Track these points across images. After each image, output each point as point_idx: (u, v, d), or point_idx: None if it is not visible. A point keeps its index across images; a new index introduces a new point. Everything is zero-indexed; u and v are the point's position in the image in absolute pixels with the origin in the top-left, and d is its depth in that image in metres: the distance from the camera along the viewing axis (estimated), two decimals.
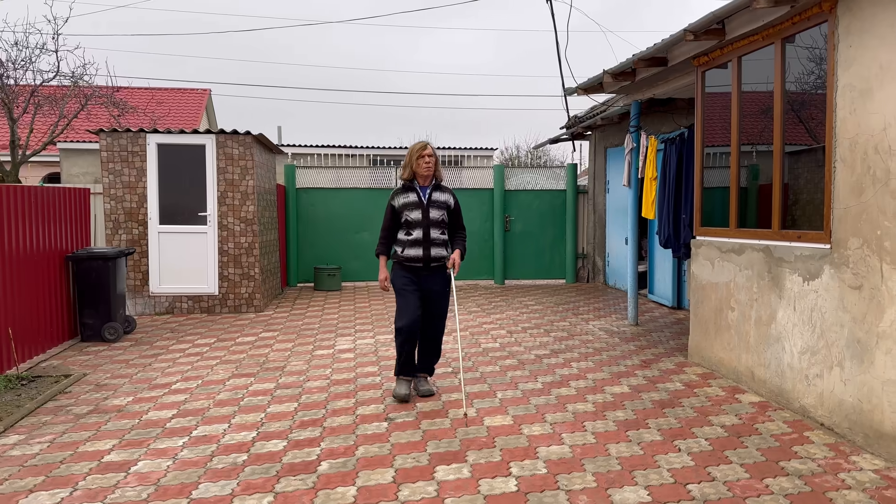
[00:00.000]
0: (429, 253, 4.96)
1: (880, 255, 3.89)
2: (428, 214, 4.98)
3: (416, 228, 4.96)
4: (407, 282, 4.98)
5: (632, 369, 5.92)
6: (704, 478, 3.60)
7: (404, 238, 5.00)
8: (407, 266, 5.00)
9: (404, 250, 4.99)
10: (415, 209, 4.98)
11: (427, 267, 4.99)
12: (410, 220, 4.97)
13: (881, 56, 3.87)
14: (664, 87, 7.03)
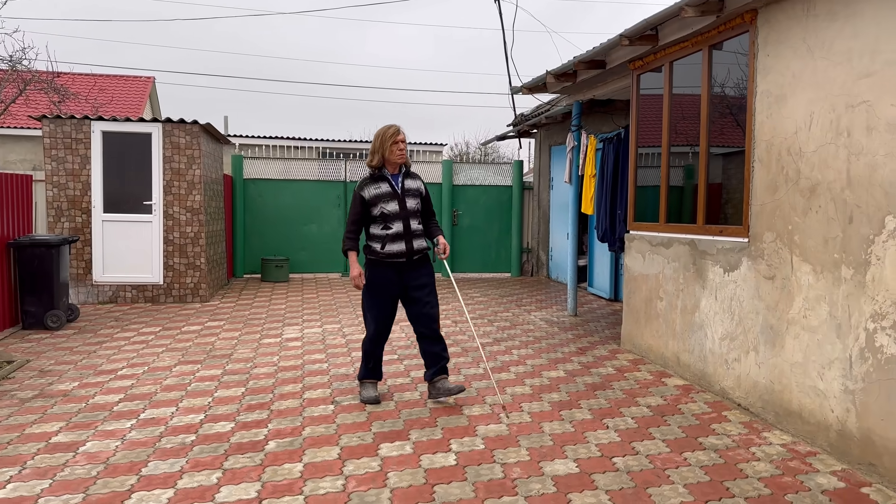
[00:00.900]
0: (412, 246, 4.62)
1: (791, 248, 4.26)
2: (405, 205, 4.62)
3: (395, 221, 4.57)
4: (386, 282, 4.62)
5: (568, 356, 6.23)
6: (629, 452, 3.90)
7: (382, 233, 4.57)
8: (387, 263, 4.60)
9: (384, 246, 4.56)
10: (390, 200, 4.58)
11: (410, 261, 4.66)
12: (387, 212, 4.56)
13: (794, 65, 4.23)
14: (603, 89, 7.36)
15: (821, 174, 4.00)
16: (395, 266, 4.63)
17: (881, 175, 3.56)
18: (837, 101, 3.86)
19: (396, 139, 4.59)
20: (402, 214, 4.60)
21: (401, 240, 4.59)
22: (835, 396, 3.87)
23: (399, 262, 4.63)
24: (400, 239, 4.59)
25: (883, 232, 3.55)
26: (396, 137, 4.59)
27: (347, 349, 6.37)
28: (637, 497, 3.31)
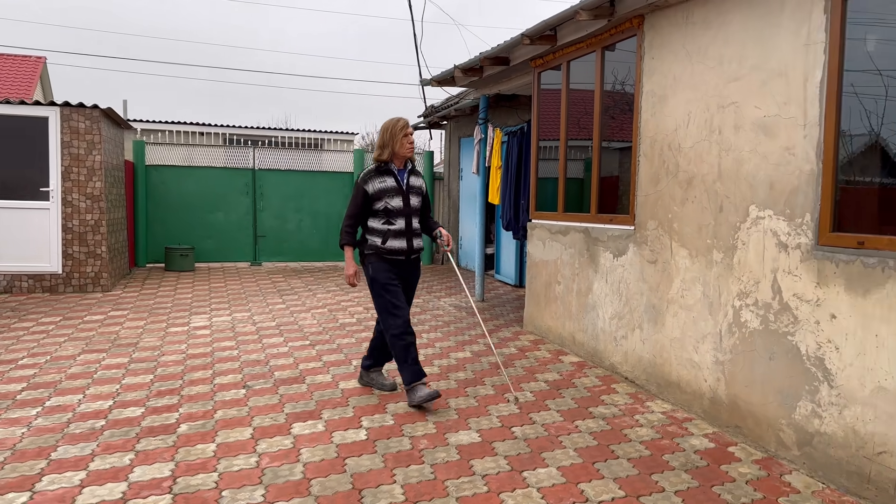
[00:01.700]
0: (412, 244, 4.53)
1: (670, 235, 4.70)
2: (409, 202, 4.51)
3: (399, 218, 4.45)
4: (391, 276, 4.47)
5: (474, 338, 6.54)
6: (527, 421, 4.22)
7: (383, 227, 4.44)
8: (388, 259, 4.48)
9: (386, 241, 4.44)
10: (395, 196, 4.44)
11: (408, 259, 4.57)
12: (392, 208, 4.43)
13: (675, 68, 4.66)
14: (508, 84, 7.70)
15: (696, 168, 4.44)
16: (396, 263, 4.51)
17: (746, 169, 4.02)
18: (711, 102, 4.30)
19: (407, 132, 4.47)
20: (405, 211, 4.48)
21: (402, 237, 4.47)
22: (707, 367, 4.33)
23: (398, 260, 4.51)
24: (402, 236, 4.47)
25: (747, 220, 4.00)
26: (407, 130, 4.47)
27: (258, 336, 6.43)
28: (532, 460, 3.62)
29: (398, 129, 4.45)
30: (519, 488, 3.28)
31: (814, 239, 3.52)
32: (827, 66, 3.45)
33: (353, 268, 4.54)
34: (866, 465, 3.23)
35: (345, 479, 3.34)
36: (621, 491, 3.28)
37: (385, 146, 4.47)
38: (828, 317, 3.43)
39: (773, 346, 3.77)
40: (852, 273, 3.29)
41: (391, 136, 4.45)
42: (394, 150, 4.47)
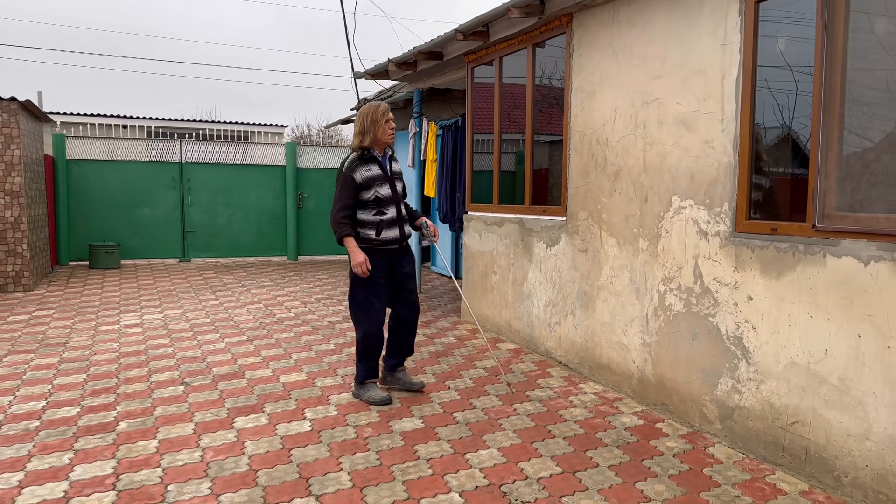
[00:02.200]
0: (403, 232, 4.41)
1: (600, 225, 4.92)
2: (395, 189, 4.38)
3: (390, 206, 4.32)
4: (381, 272, 4.32)
5: None
6: (467, 407, 4.36)
7: (375, 219, 4.28)
8: (380, 251, 4.32)
9: (380, 233, 4.28)
10: (383, 184, 4.30)
11: (401, 248, 4.47)
12: (381, 196, 4.28)
13: (602, 66, 4.87)
14: (442, 79, 7.81)
15: (623, 161, 4.66)
16: (388, 254, 4.37)
17: (669, 162, 4.26)
18: (636, 98, 4.53)
19: (388, 117, 4.32)
20: (394, 199, 4.35)
21: (395, 226, 4.34)
22: (635, 349, 4.57)
23: (392, 250, 4.39)
24: (395, 225, 4.34)
25: (670, 209, 4.25)
26: (388, 116, 4.32)
27: (193, 333, 6.34)
28: (474, 443, 3.76)
29: (379, 114, 4.29)
30: (462, 469, 3.41)
31: (731, 226, 3.78)
32: (742, 64, 3.71)
33: (361, 255, 4.20)
34: (781, 435, 3.51)
35: (291, 469, 3.39)
36: (558, 468, 3.46)
37: (365, 132, 4.29)
38: (745, 299, 3.70)
39: (696, 328, 4.03)
40: (766, 257, 3.56)
41: (372, 122, 4.28)
42: (375, 137, 4.30)
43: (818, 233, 3.28)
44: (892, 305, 2.95)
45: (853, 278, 3.11)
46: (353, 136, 4.36)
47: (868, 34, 3.29)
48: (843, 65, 3.27)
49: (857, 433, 3.12)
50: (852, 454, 3.14)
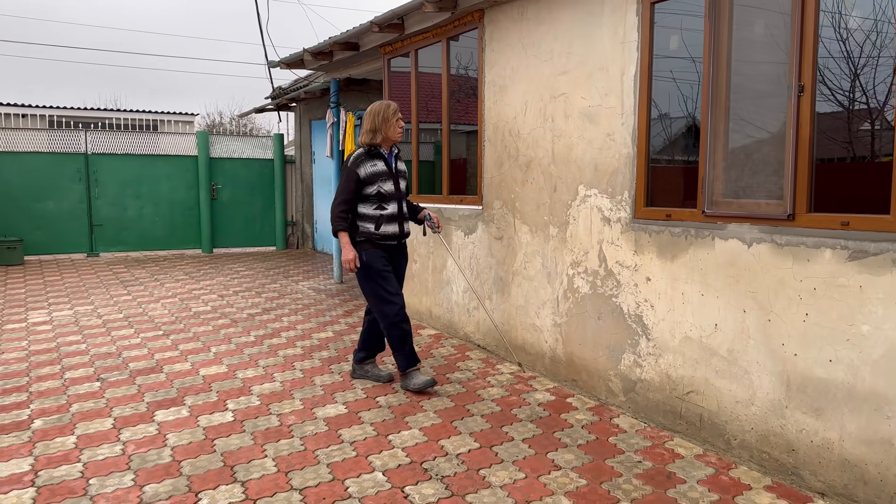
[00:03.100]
0: (403, 229, 4.53)
1: (514, 213, 5.14)
2: (399, 186, 4.51)
3: (392, 202, 4.44)
4: (385, 262, 4.44)
5: (336, 318, 6.72)
6: (390, 391, 4.50)
7: (375, 213, 4.39)
8: (380, 245, 4.43)
9: (380, 227, 4.39)
10: (387, 180, 4.43)
11: (399, 244, 4.59)
12: (384, 192, 4.40)
13: (513, 61, 5.07)
14: (359, 69, 7.86)
15: (534, 152, 4.89)
16: (388, 248, 4.49)
17: (575, 153, 4.51)
18: (544, 93, 4.76)
19: (399, 117, 4.46)
20: (397, 195, 4.47)
21: (395, 221, 4.45)
22: (548, 330, 4.83)
23: (391, 245, 4.50)
24: (394, 220, 4.45)
25: (577, 198, 4.50)
26: (398, 115, 4.46)
27: (106, 329, 6.19)
28: (396, 425, 3.91)
29: (390, 113, 4.42)
30: (385, 450, 3.55)
31: (631, 213, 4.06)
32: (640, 62, 3.98)
33: (352, 251, 4.34)
34: (678, 405, 3.82)
35: (215, 458, 3.44)
36: (476, 443, 3.65)
37: (376, 130, 4.41)
38: (644, 280, 3.99)
39: (601, 308, 4.31)
40: (662, 241, 3.86)
41: (383, 120, 4.40)
42: (385, 135, 4.43)
43: (707, 218, 3.59)
44: (772, 283, 3.28)
45: (738, 259, 3.44)
46: (363, 133, 4.46)
47: (750, 33, 3.62)
48: (728, 62, 3.58)
49: (743, 399, 3.45)
50: (740, 419, 3.48)
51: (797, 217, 3.17)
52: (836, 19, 3.76)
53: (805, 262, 3.12)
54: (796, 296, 3.16)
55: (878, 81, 3.12)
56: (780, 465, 3.28)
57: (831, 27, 3.76)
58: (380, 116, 4.41)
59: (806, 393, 3.16)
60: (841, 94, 3.99)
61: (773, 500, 3.06)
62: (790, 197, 3.18)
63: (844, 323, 2.98)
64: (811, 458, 3.15)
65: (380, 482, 3.19)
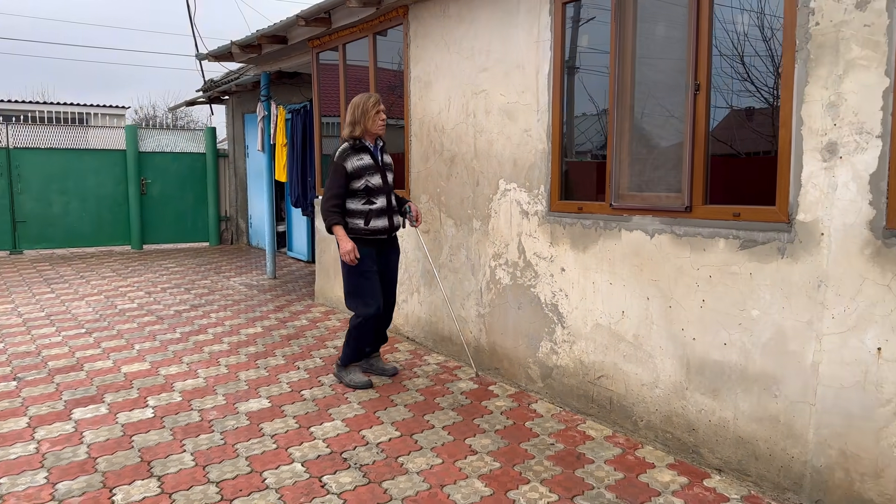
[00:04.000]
0: (393, 222, 4.47)
1: (440, 207, 5.24)
2: (387, 179, 4.44)
3: (380, 196, 4.37)
4: (371, 261, 4.38)
5: (266, 314, 6.69)
6: (316, 385, 4.54)
7: (365, 208, 4.33)
8: (370, 240, 4.38)
9: (369, 222, 4.33)
10: (374, 173, 4.35)
11: (389, 238, 4.56)
12: (372, 186, 4.33)
13: (436, 57, 5.16)
14: (288, 62, 7.81)
15: (457, 147, 4.99)
16: (377, 243, 4.44)
17: (496, 148, 4.63)
18: (466, 89, 4.86)
19: (379, 109, 4.36)
20: (385, 189, 4.40)
21: (384, 215, 4.40)
22: (472, 321, 4.95)
23: (380, 240, 4.46)
24: (383, 214, 4.39)
25: (498, 192, 4.63)
26: (379, 107, 4.36)
27: (26, 328, 6.02)
28: (319, 417, 3.96)
29: (370, 105, 4.33)
30: (306, 441, 3.61)
31: (547, 206, 4.21)
32: (553, 60, 4.12)
33: (350, 243, 4.25)
34: (591, 389, 4.00)
35: (132, 454, 3.42)
36: (397, 432, 3.74)
37: (356, 123, 4.35)
38: (559, 270, 4.15)
39: (521, 298, 4.45)
40: (575, 233, 4.02)
41: (363, 113, 4.34)
42: (365, 128, 4.35)
43: (614, 211, 3.76)
44: (672, 271, 3.47)
45: (642, 249, 3.62)
46: (344, 126, 4.41)
47: (652, 34, 3.80)
48: (633, 61, 3.75)
49: (648, 382, 3.64)
50: (645, 401, 3.67)
51: (694, 209, 3.36)
52: (729, 22, 3.99)
53: (701, 251, 3.32)
54: (694, 283, 3.36)
55: (768, 81, 3.33)
56: (682, 443, 3.48)
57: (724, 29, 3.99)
58: (359, 109, 4.35)
59: (704, 375, 3.36)
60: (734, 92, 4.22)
61: (673, 478, 3.25)
62: (687, 190, 3.37)
63: (737, 308, 3.19)
64: (709, 436, 3.35)
65: (298, 473, 3.24)
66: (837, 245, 2.80)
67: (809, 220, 2.89)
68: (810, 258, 2.89)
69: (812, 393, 2.91)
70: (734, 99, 3.57)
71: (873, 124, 2.68)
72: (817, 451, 2.91)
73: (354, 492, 3.06)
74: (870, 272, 2.71)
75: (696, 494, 3.07)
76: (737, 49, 3.55)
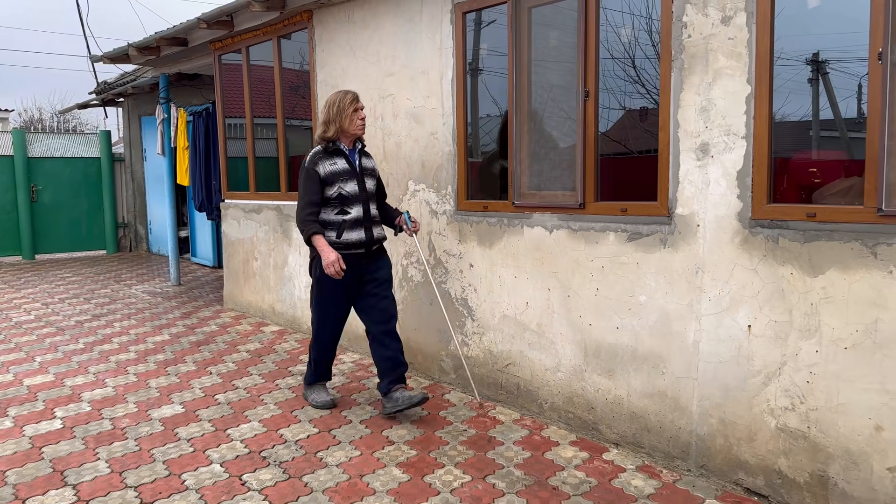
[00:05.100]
0: (371, 234, 3.93)
1: None
2: (364, 186, 3.95)
3: (355, 205, 3.88)
4: (338, 287, 3.92)
5: (173, 321, 6.57)
6: (229, 388, 4.55)
7: (337, 218, 3.85)
8: (345, 256, 3.85)
9: (341, 234, 3.84)
10: (349, 179, 3.89)
11: (369, 252, 3.98)
12: (346, 193, 3.86)
13: (342, 62, 5.26)
14: (189, 64, 7.68)
15: (368, 150, 5.11)
16: (352, 258, 3.89)
17: (404, 151, 4.79)
18: (374, 93, 4.99)
19: (357, 107, 3.90)
20: (361, 197, 3.91)
21: (360, 227, 3.89)
22: None
23: (357, 255, 3.91)
24: (359, 226, 3.89)
25: (408, 192, 4.79)
26: (357, 105, 3.90)
27: None
28: (235, 419, 3.99)
29: (346, 103, 3.87)
30: (224, 443, 3.64)
31: (455, 206, 4.41)
32: (455, 67, 4.32)
33: (333, 253, 3.76)
34: (499, 377, 4.23)
35: (44, 465, 3.36)
36: (315, 429, 3.83)
37: (330, 122, 3.87)
38: (468, 266, 4.36)
39: (432, 294, 4.63)
40: (482, 231, 4.24)
41: (338, 112, 3.87)
42: (341, 128, 3.88)
43: (517, 208, 4.01)
44: (569, 264, 3.74)
45: (542, 244, 3.88)
46: (318, 125, 3.97)
47: (546, 44, 4.07)
48: (529, 68, 4.01)
49: (551, 367, 3.90)
50: (549, 384, 3.93)
51: (587, 206, 3.64)
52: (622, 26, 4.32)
53: (595, 244, 3.61)
54: (589, 274, 3.64)
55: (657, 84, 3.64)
56: (582, 422, 3.76)
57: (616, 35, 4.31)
58: (335, 107, 3.88)
59: (600, 357, 3.65)
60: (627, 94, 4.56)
61: (576, 453, 3.51)
62: (581, 188, 3.65)
63: (627, 295, 3.49)
64: (606, 413, 3.64)
65: (217, 473, 3.29)
66: (711, 235, 3.14)
67: (687, 214, 3.22)
68: (688, 247, 3.22)
69: (694, 369, 3.24)
70: (627, 101, 3.90)
71: (739, 126, 3.02)
72: (700, 420, 3.25)
73: (275, 487, 3.15)
74: (739, 258, 3.05)
75: (596, 467, 3.35)
76: (629, 53, 3.87)
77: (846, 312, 2.73)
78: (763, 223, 2.96)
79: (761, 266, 2.97)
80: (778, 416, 2.96)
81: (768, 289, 2.95)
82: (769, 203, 2.95)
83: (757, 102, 2.94)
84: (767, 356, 2.97)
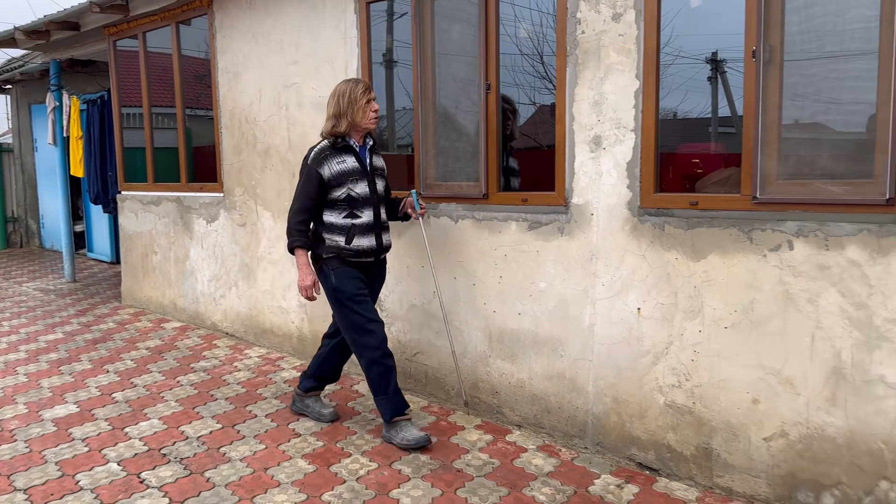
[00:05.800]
0: (381, 242, 3.59)
1: (255, 199, 5.25)
2: (375, 188, 3.56)
3: (365, 208, 3.50)
4: (361, 285, 3.52)
5: (67, 319, 6.25)
6: (128, 386, 4.39)
7: (346, 222, 3.47)
8: (354, 263, 3.52)
9: (351, 241, 3.46)
10: (360, 180, 3.48)
11: (378, 261, 3.68)
12: (356, 195, 3.46)
13: (245, 49, 5.14)
14: (82, 50, 7.29)
15: (271, 139, 5.03)
16: (364, 267, 3.57)
17: (310, 141, 4.72)
18: (278, 82, 4.91)
19: (370, 97, 3.49)
20: (372, 200, 3.53)
21: (370, 233, 3.52)
22: (294, 311, 5.03)
23: (367, 263, 3.58)
24: (369, 232, 3.52)
25: None
26: (369, 95, 3.49)
27: None
28: (134, 417, 3.86)
29: (359, 93, 3.46)
30: (121, 442, 3.52)
31: None
32: (360, 56, 4.32)
33: (311, 276, 3.49)
34: (409, 366, 4.27)
35: None
36: (218, 424, 3.76)
37: (341, 116, 3.46)
38: None
39: None
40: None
41: (349, 103, 3.45)
42: (353, 122, 3.47)
43: (423, 199, 4.05)
44: (474, 252, 3.83)
45: (449, 233, 3.94)
46: (326, 119, 3.56)
47: (449, 37, 4.13)
48: (433, 61, 4.06)
49: (458, 354, 3.98)
50: (455, 372, 4.01)
51: (490, 196, 3.74)
52: (523, 27, 4.44)
53: (498, 233, 3.70)
54: (492, 262, 3.74)
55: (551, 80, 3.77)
56: (488, 406, 3.86)
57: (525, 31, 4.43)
58: (345, 98, 3.46)
59: (503, 343, 3.75)
60: (536, 90, 4.67)
61: (480, 436, 3.61)
62: (484, 179, 3.74)
63: (528, 282, 3.61)
64: (510, 397, 3.76)
65: (114, 472, 3.18)
66: (604, 223, 3.29)
67: (582, 203, 3.36)
68: (584, 235, 3.36)
69: (590, 350, 3.40)
70: (538, 97, 4.01)
71: (628, 120, 3.18)
72: (596, 400, 3.40)
73: (176, 484, 3.07)
74: (630, 245, 3.22)
75: (499, 448, 3.45)
76: (538, 50, 3.98)
77: (726, 294, 2.93)
78: (650, 211, 3.13)
79: (649, 252, 3.14)
80: (666, 393, 3.14)
81: (656, 273, 3.12)
82: (656, 192, 3.12)
83: (645, 97, 3.10)
84: (655, 337, 3.15)
